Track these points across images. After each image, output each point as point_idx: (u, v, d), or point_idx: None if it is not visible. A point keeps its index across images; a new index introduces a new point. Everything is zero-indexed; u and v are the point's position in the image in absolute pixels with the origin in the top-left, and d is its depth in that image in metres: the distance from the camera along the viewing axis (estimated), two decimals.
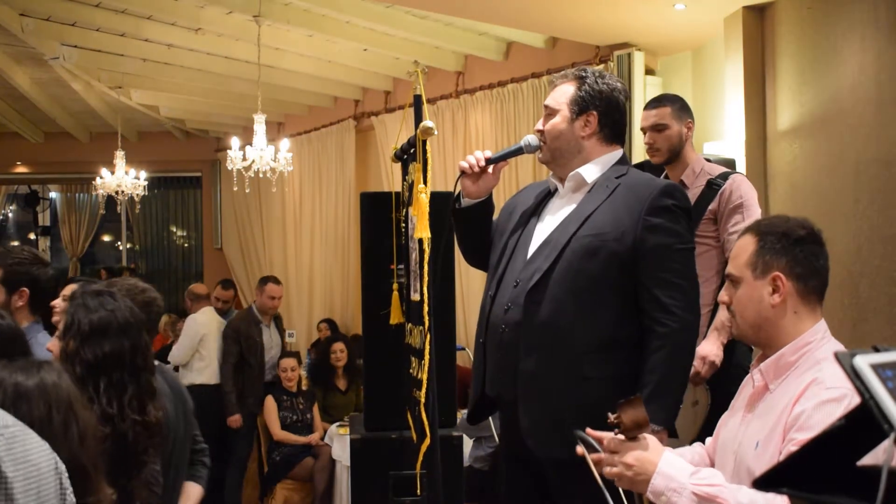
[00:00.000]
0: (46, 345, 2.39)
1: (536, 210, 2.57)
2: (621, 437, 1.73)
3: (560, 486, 2.39)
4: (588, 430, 1.81)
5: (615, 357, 2.35)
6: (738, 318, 1.85)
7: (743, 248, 1.85)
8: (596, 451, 1.79)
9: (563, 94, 2.51)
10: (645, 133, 3.38)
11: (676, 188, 2.48)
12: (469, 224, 2.66)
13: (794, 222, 1.87)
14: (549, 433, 2.34)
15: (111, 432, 2.03)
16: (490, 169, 2.55)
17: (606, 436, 1.84)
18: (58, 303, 2.61)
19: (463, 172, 2.57)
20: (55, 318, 2.49)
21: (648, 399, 2.21)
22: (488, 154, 2.55)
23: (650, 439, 1.74)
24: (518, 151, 2.58)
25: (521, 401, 2.38)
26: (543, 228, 2.50)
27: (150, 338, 2.33)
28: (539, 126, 2.53)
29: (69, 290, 2.55)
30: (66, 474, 1.50)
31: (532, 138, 2.57)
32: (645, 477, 1.68)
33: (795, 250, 1.82)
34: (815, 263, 1.83)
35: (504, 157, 2.56)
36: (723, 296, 1.90)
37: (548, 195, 2.60)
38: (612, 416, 1.74)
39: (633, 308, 2.37)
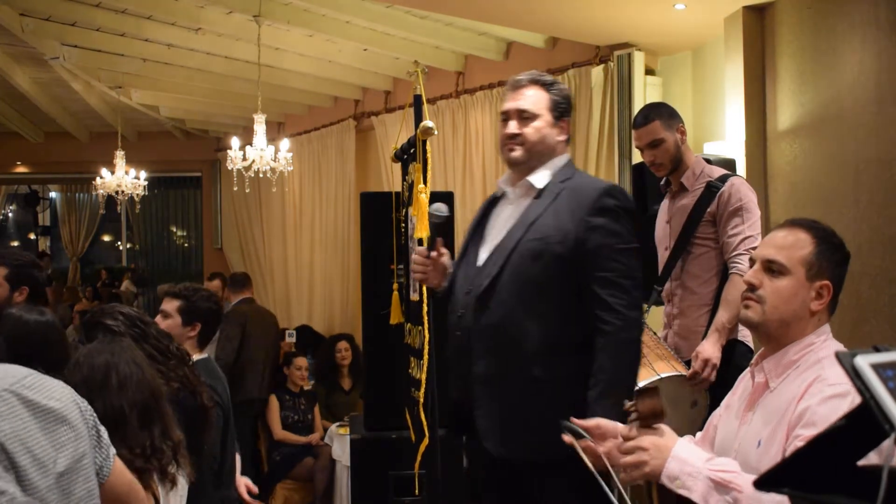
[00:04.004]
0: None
1: (483, 220, 2.64)
2: (636, 424, 1.73)
3: (519, 485, 2.45)
4: (573, 419, 1.87)
5: (565, 358, 2.38)
6: (769, 307, 1.81)
7: (798, 244, 1.81)
8: (583, 437, 1.83)
9: (538, 98, 2.53)
10: (642, 151, 3.37)
11: (619, 189, 2.51)
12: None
13: (840, 238, 1.86)
14: (504, 434, 2.39)
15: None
16: (434, 253, 2.63)
17: (592, 423, 1.88)
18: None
19: (423, 281, 2.66)
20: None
21: (599, 398, 2.28)
22: (423, 249, 2.64)
23: (664, 428, 1.73)
24: (436, 226, 2.65)
25: (477, 404, 2.43)
26: (494, 236, 2.56)
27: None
28: (514, 129, 2.52)
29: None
30: (87, 404, 1.82)
31: (437, 207, 2.64)
32: (660, 461, 1.68)
33: (844, 266, 1.84)
34: (843, 284, 1.85)
35: (433, 238, 2.63)
36: (752, 278, 1.84)
37: (493, 202, 2.66)
38: (628, 404, 1.74)
39: (581, 309, 2.39)
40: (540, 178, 2.51)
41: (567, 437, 1.83)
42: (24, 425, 1.63)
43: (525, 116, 2.52)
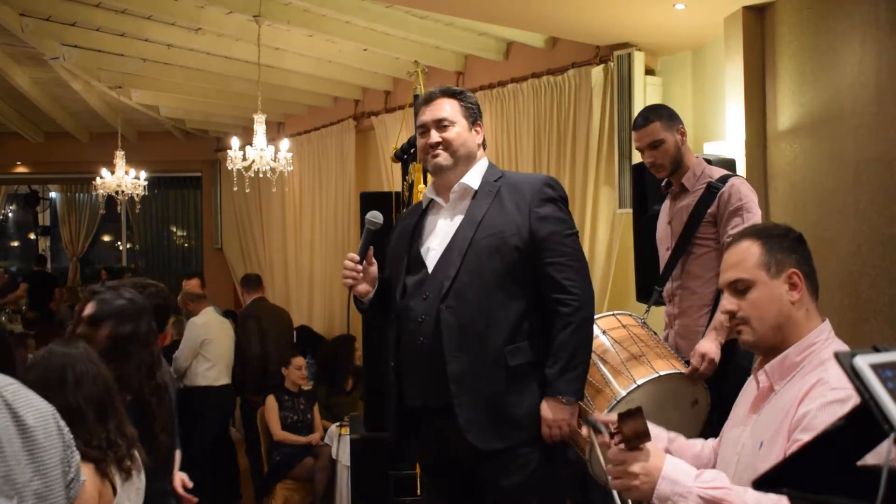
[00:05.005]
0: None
1: (417, 228, 2.70)
2: (622, 447, 1.73)
3: (490, 477, 2.53)
4: (596, 413, 1.91)
5: (534, 342, 2.53)
6: (756, 322, 1.82)
7: (747, 253, 1.83)
8: (601, 432, 1.84)
9: (452, 107, 2.67)
10: (642, 152, 3.38)
11: (554, 180, 2.67)
12: (379, 308, 2.75)
13: (784, 226, 1.89)
14: (488, 425, 2.49)
15: (132, 395, 2.62)
16: (364, 262, 2.66)
17: (612, 418, 1.87)
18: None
19: (352, 287, 2.68)
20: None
21: (561, 372, 2.46)
22: (354, 255, 2.65)
23: (649, 447, 1.74)
24: (370, 234, 2.67)
25: (457, 401, 2.49)
26: (439, 241, 2.63)
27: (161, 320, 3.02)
28: (435, 138, 2.63)
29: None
30: (60, 416, 1.89)
31: (375, 214, 2.67)
32: (650, 484, 1.68)
33: (799, 247, 1.84)
34: (811, 260, 1.86)
35: (366, 245, 2.66)
36: (728, 306, 1.86)
37: (423, 213, 2.73)
38: (612, 427, 1.74)
39: (540, 296, 2.56)
40: (472, 179, 2.64)
41: (585, 430, 1.88)
42: (6, 425, 1.71)
43: (444, 125, 2.64)
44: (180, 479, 3.12)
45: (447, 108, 2.66)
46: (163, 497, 2.90)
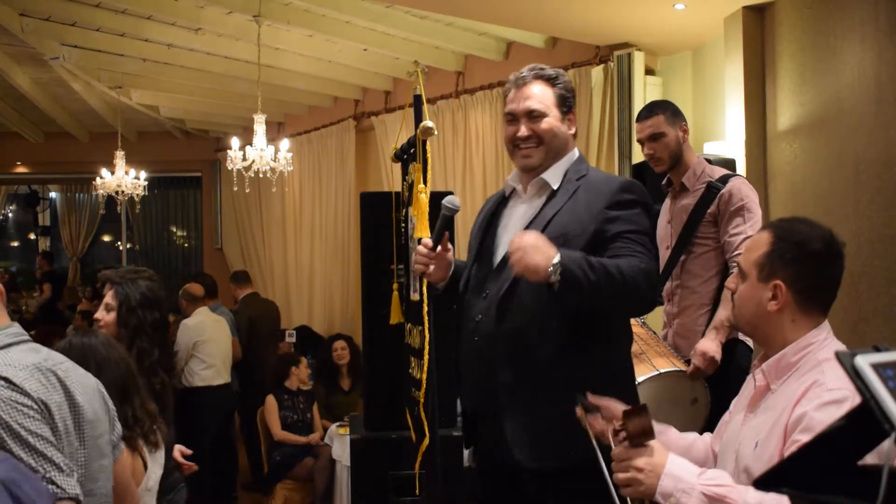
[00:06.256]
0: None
1: (494, 218, 2.53)
2: (627, 444, 1.74)
3: (542, 498, 2.33)
4: (588, 394, 1.92)
5: (589, 356, 2.31)
6: (736, 310, 1.92)
7: (757, 245, 1.84)
8: (593, 412, 1.90)
9: (544, 95, 2.46)
10: (643, 145, 3.39)
11: (636, 184, 2.42)
12: (454, 292, 2.58)
13: (816, 233, 1.80)
14: (537, 443, 2.29)
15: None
16: (438, 248, 2.49)
17: (602, 402, 1.93)
18: (101, 313, 3.05)
19: (424, 274, 2.51)
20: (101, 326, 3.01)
21: (583, 257, 2.14)
22: (428, 241, 2.48)
23: (654, 445, 1.74)
24: (446, 220, 2.50)
25: (507, 413, 2.31)
26: (508, 236, 2.43)
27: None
28: (525, 132, 2.44)
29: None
30: (105, 391, 2.04)
31: (452, 200, 2.50)
32: (654, 480, 1.69)
33: (805, 263, 1.78)
34: (821, 279, 1.80)
35: (441, 232, 2.49)
36: (731, 282, 1.94)
37: (503, 200, 2.56)
38: (617, 425, 1.75)
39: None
40: (554, 176, 2.44)
41: (578, 410, 1.86)
42: (62, 402, 1.84)
43: (534, 116, 2.44)
44: (178, 449, 3.22)
45: (539, 97, 2.44)
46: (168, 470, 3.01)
